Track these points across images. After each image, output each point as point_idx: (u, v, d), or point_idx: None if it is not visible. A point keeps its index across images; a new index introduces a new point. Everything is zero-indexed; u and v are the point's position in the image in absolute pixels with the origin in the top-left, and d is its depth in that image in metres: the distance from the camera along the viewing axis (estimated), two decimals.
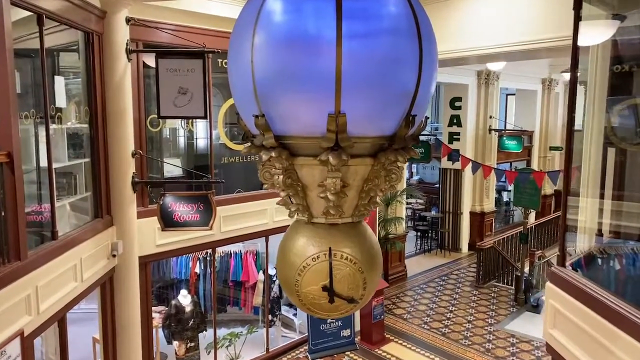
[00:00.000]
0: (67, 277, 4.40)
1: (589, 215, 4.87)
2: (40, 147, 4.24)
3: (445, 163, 12.85)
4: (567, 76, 11.80)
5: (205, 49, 5.30)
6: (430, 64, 1.58)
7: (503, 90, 15.37)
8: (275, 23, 1.48)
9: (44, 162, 4.18)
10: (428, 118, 2.13)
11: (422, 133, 1.78)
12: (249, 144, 1.77)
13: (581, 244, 4.89)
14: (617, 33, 3.79)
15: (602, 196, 4.69)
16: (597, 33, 4.08)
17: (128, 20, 5.07)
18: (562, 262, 3.94)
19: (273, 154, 1.52)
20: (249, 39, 1.46)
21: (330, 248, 1.53)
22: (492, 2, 6.94)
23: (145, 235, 5.75)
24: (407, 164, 12.80)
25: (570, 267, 3.93)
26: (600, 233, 4.87)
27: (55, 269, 4.15)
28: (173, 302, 7.09)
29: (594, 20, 3.98)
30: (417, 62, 1.51)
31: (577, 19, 3.25)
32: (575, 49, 3.49)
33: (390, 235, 10.29)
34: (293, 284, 1.50)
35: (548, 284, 3.98)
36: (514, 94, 16.85)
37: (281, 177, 1.55)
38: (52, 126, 4.34)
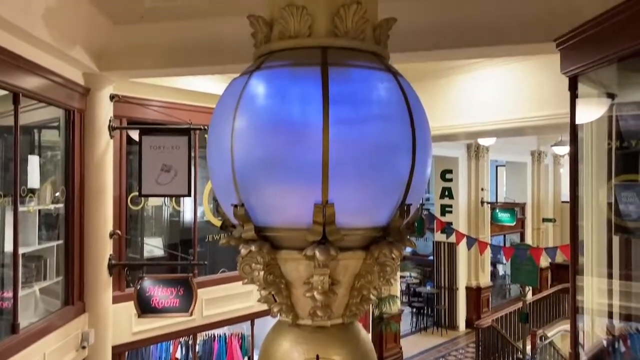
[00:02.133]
0: None
1: (595, 295, 4.60)
2: (7, 230, 3.95)
3: (439, 236, 12.61)
4: (556, 150, 11.93)
5: (191, 126, 5.18)
6: (424, 149, 1.45)
7: (493, 162, 15.48)
8: (258, 107, 1.38)
9: (9, 247, 3.87)
10: (424, 205, 1.93)
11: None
12: (228, 234, 1.59)
13: (587, 326, 4.58)
14: (614, 110, 3.71)
15: (609, 275, 4.45)
16: (590, 111, 4.02)
17: (112, 97, 4.97)
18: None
19: (253, 248, 1.36)
20: (229, 124, 1.35)
21: (317, 356, 1.35)
22: (482, 81, 7.03)
23: (121, 322, 5.34)
24: None
25: None
26: (610, 315, 4.57)
27: None
28: None
29: (587, 98, 3.93)
30: (410, 148, 1.38)
31: (574, 97, 3.16)
32: (574, 128, 3.38)
33: (384, 315, 9.81)
34: None
35: None
36: (504, 165, 16.98)
37: (262, 272, 1.38)
38: (22, 208, 4.07)
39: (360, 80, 1.42)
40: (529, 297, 13.40)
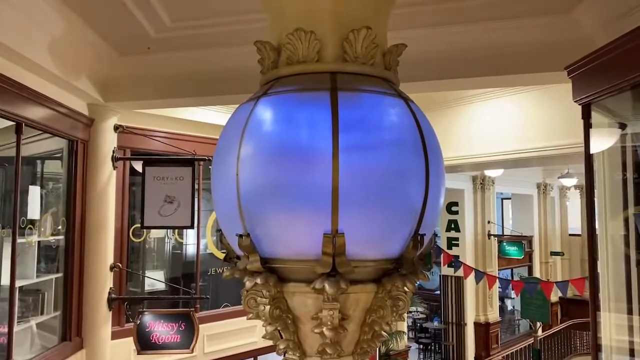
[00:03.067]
0: None
1: (613, 332, 4.42)
2: (4, 262, 3.85)
3: (446, 270, 12.38)
4: (564, 181, 11.84)
5: (196, 157, 5.13)
6: (437, 176, 1.39)
7: (498, 195, 15.37)
8: (265, 133, 1.32)
9: (6, 280, 3.76)
10: (437, 235, 1.84)
11: None
12: (232, 266, 1.52)
13: None
14: (627, 140, 3.64)
15: (628, 311, 4.28)
16: (602, 140, 3.96)
17: (116, 127, 4.95)
18: None
19: (258, 280, 1.29)
20: (235, 150, 1.29)
21: None
22: (488, 111, 7.03)
23: (120, 359, 5.16)
24: None
25: None
26: (632, 353, 4.38)
27: None
28: None
29: (599, 128, 3.87)
30: (424, 176, 1.31)
31: (587, 126, 3.10)
32: (589, 157, 3.30)
33: (391, 352, 9.53)
34: None
35: None
36: (510, 198, 16.85)
37: (268, 307, 1.31)
38: (21, 240, 3.98)
39: (370, 106, 1.38)
40: (540, 333, 13.06)
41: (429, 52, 3.32)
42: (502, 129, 6.73)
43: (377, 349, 8.98)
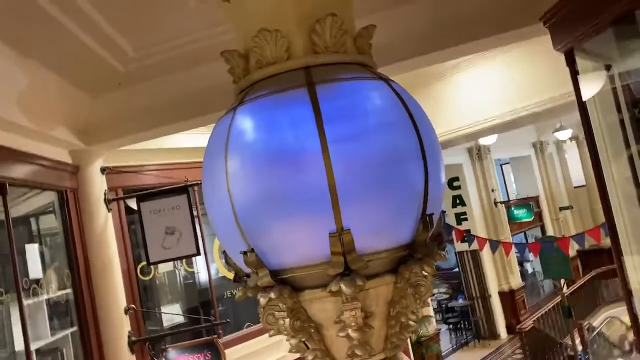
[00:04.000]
0: None
1: (639, 274, 4.37)
2: (14, 327, 3.76)
3: (460, 246, 12.33)
4: (559, 135, 11.80)
5: (188, 183, 5.06)
6: (434, 152, 1.34)
7: (497, 162, 15.34)
8: (248, 143, 1.27)
9: (20, 345, 3.67)
10: (445, 212, 1.79)
11: None
12: (244, 285, 1.47)
13: (636, 308, 4.32)
14: (616, 80, 3.58)
15: None
16: (590, 85, 3.90)
17: (103, 170, 4.87)
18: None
19: (272, 295, 1.24)
20: (222, 166, 1.25)
21: None
22: (470, 80, 7.00)
23: None
24: None
25: None
26: None
27: None
28: None
29: (584, 74, 3.81)
30: (420, 155, 1.26)
31: (574, 73, 3.06)
32: (582, 104, 3.25)
33: (422, 339, 9.46)
34: None
35: None
36: (508, 163, 16.82)
37: (287, 320, 1.26)
38: (28, 301, 3.89)
39: (351, 94, 1.33)
40: (565, 289, 13.01)
41: (399, 31, 3.25)
42: (489, 94, 6.69)
43: (408, 339, 8.93)
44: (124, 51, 3.52)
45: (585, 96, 4.01)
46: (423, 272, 1.28)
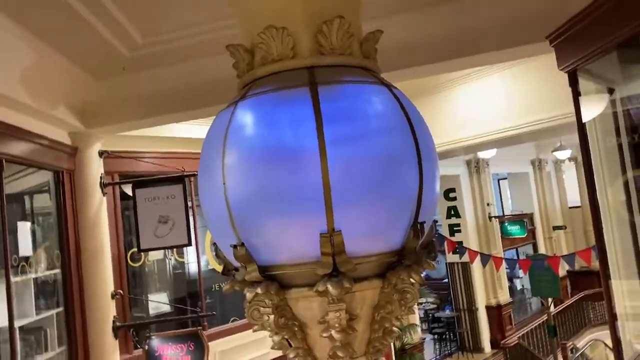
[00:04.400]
0: None
1: (626, 299, 4.38)
2: (0, 303, 3.75)
3: (451, 257, 12.35)
4: (558, 155, 11.82)
5: (185, 173, 5.06)
6: (430, 159, 1.34)
7: (494, 176, 15.37)
8: (247, 138, 1.27)
9: (4, 321, 3.67)
10: (437, 222, 1.80)
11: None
12: (231, 279, 1.48)
13: (619, 332, 4.34)
14: (617, 105, 3.60)
15: None
16: (592, 107, 3.92)
17: (101, 153, 4.86)
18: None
19: (259, 290, 1.24)
20: (219, 159, 1.25)
21: None
22: (472, 93, 7.00)
23: None
24: None
25: None
26: None
27: None
28: None
29: (587, 96, 3.83)
30: (416, 160, 1.27)
31: (576, 94, 3.06)
32: (581, 125, 3.26)
33: (406, 347, 9.47)
34: None
35: None
36: (506, 178, 16.86)
37: (272, 316, 1.26)
38: (16, 278, 3.89)
39: (352, 96, 1.34)
40: (552, 308, 13.05)
41: (407, 38, 3.26)
42: (490, 108, 6.70)
43: (392, 345, 8.92)
44: (132, 37, 3.52)
45: (585, 118, 4.03)
46: (410, 279, 1.29)
